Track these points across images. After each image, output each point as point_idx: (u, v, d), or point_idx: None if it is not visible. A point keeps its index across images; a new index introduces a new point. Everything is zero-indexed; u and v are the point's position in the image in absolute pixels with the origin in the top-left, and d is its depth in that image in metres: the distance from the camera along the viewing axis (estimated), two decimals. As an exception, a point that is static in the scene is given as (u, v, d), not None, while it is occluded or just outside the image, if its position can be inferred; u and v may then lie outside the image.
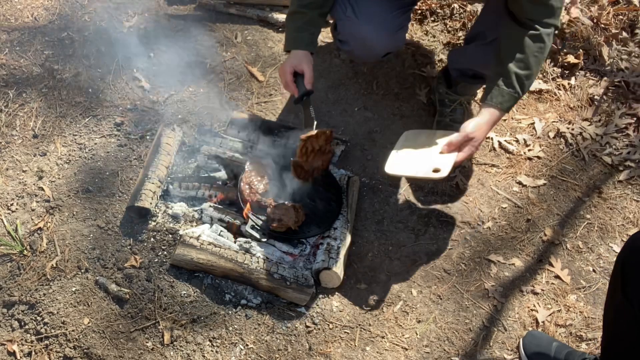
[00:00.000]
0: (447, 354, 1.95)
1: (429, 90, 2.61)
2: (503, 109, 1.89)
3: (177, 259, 1.96)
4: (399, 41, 2.28)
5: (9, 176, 2.20)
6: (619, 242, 2.27)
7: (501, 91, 1.87)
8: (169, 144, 2.23)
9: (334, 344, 1.93)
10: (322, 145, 2.01)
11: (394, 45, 2.26)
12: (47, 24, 2.69)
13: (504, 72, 1.87)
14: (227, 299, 1.95)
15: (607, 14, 2.85)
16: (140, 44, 2.64)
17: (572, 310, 2.08)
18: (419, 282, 2.10)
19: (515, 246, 2.22)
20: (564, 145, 2.53)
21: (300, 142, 1.93)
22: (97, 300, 1.90)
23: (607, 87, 2.70)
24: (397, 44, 2.29)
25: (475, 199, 2.34)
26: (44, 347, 1.81)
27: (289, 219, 2.05)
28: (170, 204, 2.14)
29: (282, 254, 2.06)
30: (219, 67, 2.63)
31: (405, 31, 2.28)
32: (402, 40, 2.31)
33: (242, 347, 1.87)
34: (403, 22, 2.22)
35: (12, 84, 2.45)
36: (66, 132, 2.33)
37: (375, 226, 2.22)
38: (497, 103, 1.88)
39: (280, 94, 2.56)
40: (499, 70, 1.89)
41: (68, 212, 2.10)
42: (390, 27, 2.15)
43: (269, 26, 2.82)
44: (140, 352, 1.82)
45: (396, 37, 2.22)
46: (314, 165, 2.04)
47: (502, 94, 1.87)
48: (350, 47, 2.24)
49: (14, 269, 1.96)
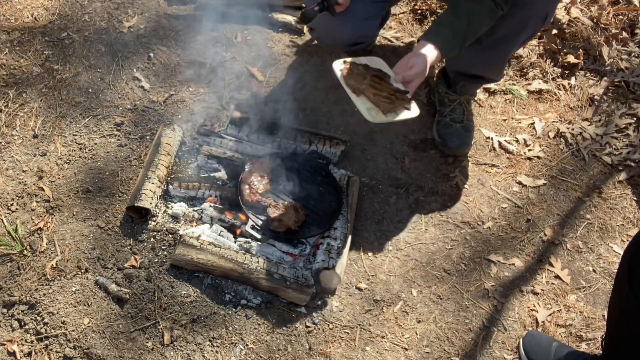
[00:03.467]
0: (447, 354, 1.95)
1: (429, 90, 2.61)
2: (439, 48, 1.88)
3: (177, 259, 1.96)
4: (366, 30, 2.25)
5: (9, 176, 2.20)
6: (619, 242, 2.27)
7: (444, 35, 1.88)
8: (169, 144, 2.23)
9: (334, 344, 1.93)
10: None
11: (360, 35, 2.24)
12: (47, 24, 2.69)
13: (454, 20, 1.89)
14: (227, 299, 1.95)
15: (607, 14, 2.85)
16: (140, 44, 2.64)
17: (572, 310, 2.08)
18: (419, 282, 2.10)
19: (515, 246, 2.22)
20: (564, 145, 2.53)
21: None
22: (97, 300, 1.90)
23: (607, 87, 2.70)
24: (364, 33, 2.26)
25: (475, 199, 2.34)
26: (44, 347, 1.81)
27: (289, 219, 2.05)
28: (170, 204, 2.14)
29: (282, 254, 2.06)
30: (219, 67, 2.63)
31: (374, 22, 2.26)
32: (369, 30, 2.28)
33: (242, 347, 1.87)
34: (373, 13, 2.20)
35: (12, 84, 2.45)
36: (66, 132, 2.33)
37: (375, 226, 2.22)
38: (436, 43, 1.87)
39: (281, 94, 2.56)
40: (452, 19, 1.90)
41: (68, 212, 2.10)
42: (357, 16, 2.14)
43: (269, 26, 2.82)
44: (140, 352, 1.82)
45: (363, 26, 2.20)
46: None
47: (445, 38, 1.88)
48: (318, 34, 2.30)
49: (14, 269, 1.97)
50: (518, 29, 2.06)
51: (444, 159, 2.43)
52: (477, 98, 2.63)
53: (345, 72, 1.88)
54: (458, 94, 2.45)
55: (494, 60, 2.24)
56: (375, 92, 1.85)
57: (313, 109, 2.52)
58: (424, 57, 1.84)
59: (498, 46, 2.14)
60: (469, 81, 2.40)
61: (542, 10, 2.01)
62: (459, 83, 2.41)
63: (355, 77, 1.87)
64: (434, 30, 1.91)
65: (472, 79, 2.39)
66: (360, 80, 1.87)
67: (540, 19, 2.04)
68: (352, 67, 1.90)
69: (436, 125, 2.46)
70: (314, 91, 2.57)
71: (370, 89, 1.85)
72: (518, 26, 2.05)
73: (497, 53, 2.19)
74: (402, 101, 1.86)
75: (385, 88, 1.87)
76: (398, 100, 1.85)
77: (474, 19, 1.87)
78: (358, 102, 1.84)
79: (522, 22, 2.03)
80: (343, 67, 1.91)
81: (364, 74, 1.89)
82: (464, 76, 2.38)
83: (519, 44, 2.17)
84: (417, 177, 2.37)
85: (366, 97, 1.85)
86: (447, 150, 2.42)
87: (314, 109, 2.51)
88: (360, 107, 1.83)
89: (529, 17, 2.01)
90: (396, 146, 2.44)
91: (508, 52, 2.20)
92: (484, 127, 2.56)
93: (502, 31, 2.06)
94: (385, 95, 1.85)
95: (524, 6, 1.96)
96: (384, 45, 2.78)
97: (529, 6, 1.97)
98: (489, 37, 2.08)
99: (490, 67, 2.30)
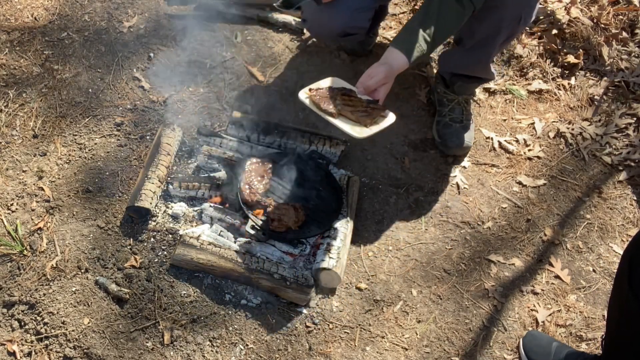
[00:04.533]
0: (447, 354, 1.95)
1: (429, 90, 2.61)
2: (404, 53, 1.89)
3: (177, 259, 1.96)
4: (357, 21, 2.26)
5: (9, 176, 2.20)
6: (619, 242, 2.27)
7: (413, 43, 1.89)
8: (169, 144, 2.23)
9: (334, 344, 1.93)
10: None
11: (350, 26, 2.25)
12: (47, 24, 2.69)
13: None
14: (227, 299, 1.95)
15: (607, 14, 2.85)
16: (140, 44, 2.65)
17: (572, 310, 2.08)
18: (419, 282, 2.10)
19: (515, 246, 2.22)
20: (564, 145, 2.53)
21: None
22: (97, 300, 1.90)
23: (607, 87, 2.70)
24: (355, 24, 2.26)
25: (475, 199, 2.34)
26: (44, 347, 1.81)
27: (289, 219, 2.05)
28: (170, 204, 2.14)
29: (282, 254, 2.06)
30: (219, 67, 2.63)
31: (366, 14, 2.27)
32: (360, 22, 2.28)
33: (242, 347, 1.87)
34: (364, 4, 2.22)
35: (12, 84, 2.45)
36: (66, 132, 2.33)
37: (375, 226, 2.22)
38: (402, 49, 1.89)
39: (281, 94, 2.56)
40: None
41: (68, 212, 2.10)
42: (348, 6, 2.16)
43: (269, 26, 2.82)
44: (140, 352, 1.82)
45: (354, 17, 2.21)
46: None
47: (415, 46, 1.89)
48: (309, 24, 2.32)
49: (14, 269, 1.97)
50: (493, 31, 2.10)
51: (444, 159, 2.43)
52: (477, 98, 2.63)
53: (315, 100, 1.91)
54: (456, 93, 2.45)
55: (478, 61, 2.28)
56: (351, 109, 1.88)
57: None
58: (385, 65, 1.87)
59: (479, 48, 2.20)
60: (465, 81, 2.41)
61: (516, 13, 2.03)
62: (456, 83, 2.42)
63: (326, 102, 1.90)
64: (402, 37, 1.92)
65: (467, 79, 2.40)
66: (332, 102, 1.90)
67: (515, 21, 2.07)
68: (318, 93, 1.93)
69: (436, 125, 2.47)
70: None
71: (346, 108, 1.88)
72: (493, 29, 2.09)
73: (480, 54, 2.24)
74: (377, 111, 1.89)
75: (357, 103, 1.90)
76: (374, 111, 1.89)
77: (442, 22, 1.89)
78: (340, 124, 1.86)
79: (496, 24, 2.07)
80: (309, 95, 1.93)
81: (332, 96, 1.91)
82: (459, 76, 2.40)
83: (498, 45, 2.19)
84: (417, 177, 2.37)
85: (344, 116, 1.88)
86: (447, 150, 2.42)
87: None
88: (344, 127, 1.85)
89: (502, 19, 2.05)
90: (396, 146, 2.44)
91: (489, 53, 2.24)
92: (484, 127, 2.56)
93: (479, 34, 2.12)
94: (361, 110, 1.88)
95: (496, 9, 2.00)
96: (384, 45, 2.78)
97: (501, 9, 2.00)
98: (470, 39, 2.17)
99: (476, 67, 2.34)
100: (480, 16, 1.98)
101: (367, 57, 2.72)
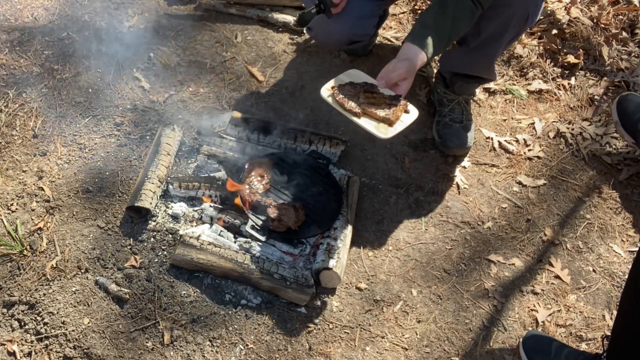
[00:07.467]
0: (447, 354, 1.95)
1: (429, 90, 2.61)
2: (423, 50, 1.87)
3: (177, 259, 1.96)
4: (362, 29, 2.25)
5: (9, 176, 2.20)
6: (619, 242, 2.27)
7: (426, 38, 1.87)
8: (169, 144, 2.23)
9: (334, 344, 1.93)
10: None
11: (356, 33, 2.24)
12: (47, 24, 2.69)
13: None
14: (227, 299, 1.95)
15: (607, 14, 2.85)
16: (140, 44, 2.64)
17: (572, 310, 2.08)
18: (419, 282, 2.10)
19: (515, 246, 2.22)
20: (564, 145, 2.53)
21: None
22: (97, 300, 1.90)
23: (607, 87, 2.70)
24: (361, 31, 2.25)
25: (475, 199, 2.34)
26: (44, 347, 1.81)
27: (289, 219, 2.05)
28: (170, 204, 2.14)
29: (282, 254, 2.06)
30: (219, 67, 2.63)
31: (371, 21, 2.26)
32: (366, 29, 2.27)
33: (242, 347, 1.87)
34: (369, 11, 2.21)
35: (12, 84, 2.45)
36: (66, 132, 2.33)
37: (375, 226, 2.22)
38: (421, 45, 1.86)
39: (281, 94, 2.56)
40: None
41: (68, 212, 2.10)
42: (353, 14, 2.15)
43: (269, 26, 2.82)
44: (140, 352, 1.82)
45: (359, 25, 2.20)
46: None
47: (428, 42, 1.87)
48: (314, 32, 2.31)
49: (14, 269, 1.97)
50: (501, 30, 2.10)
51: (444, 159, 2.43)
52: (477, 98, 2.63)
53: (338, 99, 1.86)
54: (456, 93, 2.45)
55: (482, 60, 2.28)
56: (374, 107, 1.84)
57: (313, 109, 2.52)
58: (406, 61, 1.84)
59: (484, 47, 2.19)
60: (465, 81, 2.41)
61: (523, 12, 2.04)
62: (456, 83, 2.42)
63: (349, 100, 1.85)
64: (419, 32, 1.89)
65: (467, 79, 2.40)
66: (355, 101, 1.85)
67: (522, 20, 2.07)
68: (341, 90, 1.88)
69: (436, 126, 2.47)
70: (314, 91, 2.56)
71: (369, 107, 1.84)
72: (501, 27, 2.09)
73: (484, 54, 2.23)
74: (400, 107, 1.85)
75: (380, 100, 1.86)
76: (397, 107, 1.85)
77: (457, 20, 1.88)
78: (364, 124, 1.82)
79: (505, 23, 2.06)
80: (331, 93, 1.88)
81: (355, 93, 1.87)
82: (459, 76, 2.40)
83: (504, 44, 2.19)
84: (417, 177, 2.37)
85: (368, 115, 1.84)
86: (447, 150, 2.42)
87: (314, 109, 2.51)
88: (368, 127, 1.81)
89: (511, 18, 2.05)
90: (396, 146, 2.44)
91: (494, 53, 2.23)
92: (484, 127, 2.56)
93: (486, 33, 2.12)
94: (384, 107, 1.84)
95: (505, 8, 2.00)
96: (384, 45, 2.78)
97: (510, 8, 2.00)
98: (475, 38, 2.16)
99: (480, 67, 2.34)
100: (488, 15, 1.97)
101: (367, 57, 2.72)
